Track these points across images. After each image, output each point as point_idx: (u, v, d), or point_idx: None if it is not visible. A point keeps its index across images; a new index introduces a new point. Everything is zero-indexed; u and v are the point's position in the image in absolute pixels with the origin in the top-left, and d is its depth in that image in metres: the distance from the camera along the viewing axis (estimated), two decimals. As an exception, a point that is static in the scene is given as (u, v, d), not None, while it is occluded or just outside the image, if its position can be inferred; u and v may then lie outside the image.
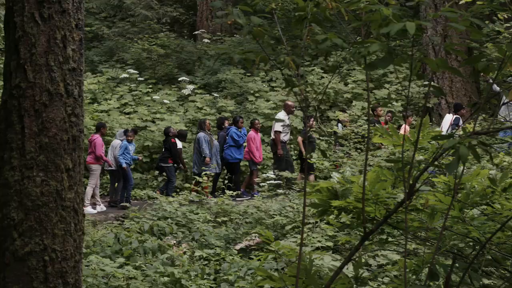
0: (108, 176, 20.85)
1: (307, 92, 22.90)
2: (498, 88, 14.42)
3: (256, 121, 21.15)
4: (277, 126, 20.14)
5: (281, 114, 20.82)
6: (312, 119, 21.35)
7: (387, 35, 3.68)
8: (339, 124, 21.53)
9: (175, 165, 20.38)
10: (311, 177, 18.63)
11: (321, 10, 4.47)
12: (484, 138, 4.29)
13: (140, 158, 21.12)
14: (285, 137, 20.31)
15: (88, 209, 18.23)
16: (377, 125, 19.04)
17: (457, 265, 5.56)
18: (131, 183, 19.82)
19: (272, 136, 20.39)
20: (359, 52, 3.87)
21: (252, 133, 20.65)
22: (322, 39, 4.18)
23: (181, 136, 20.96)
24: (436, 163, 4.52)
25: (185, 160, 21.13)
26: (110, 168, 19.99)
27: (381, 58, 3.85)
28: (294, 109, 21.98)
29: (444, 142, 3.87)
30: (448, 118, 19.63)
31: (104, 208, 18.99)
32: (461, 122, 18.79)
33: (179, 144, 20.51)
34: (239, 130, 20.60)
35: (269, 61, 4.34)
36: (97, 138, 19.48)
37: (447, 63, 3.92)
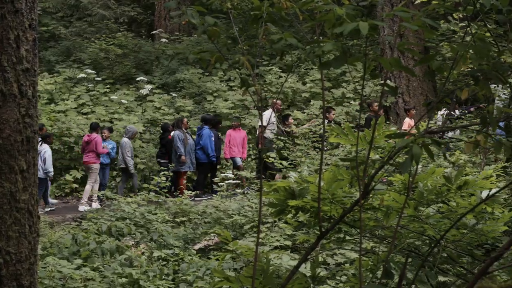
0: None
1: (265, 91, 22.95)
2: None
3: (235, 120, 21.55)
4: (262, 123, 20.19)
5: (267, 112, 20.87)
6: (290, 118, 21.44)
7: (341, 35, 3.69)
8: (326, 122, 21.55)
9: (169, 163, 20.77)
10: (277, 176, 18.65)
11: (276, 10, 4.47)
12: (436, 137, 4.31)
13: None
14: (270, 134, 20.35)
15: (83, 207, 18.57)
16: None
17: (412, 263, 5.60)
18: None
19: (258, 131, 20.51)
20: (314, 52, 3.88)
21: (229, 131, 20.94)
22: (277, 38, 4.19)
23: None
24: (391, 162, 4.54)
25: (142, 160, 21.16)
26: (122, 166, 20.49)
27: (335, 58, 3.87)
28: (281, 107, 22.12)
29: (398, 141, 3.89)
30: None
31: (99, 206, 18.91)
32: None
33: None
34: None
35: (225, 61, 4.33)
36: (97, 137, 19.79)
37: (400, 63, 3.94)
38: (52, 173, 19.24)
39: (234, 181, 17.63)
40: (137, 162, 21.58)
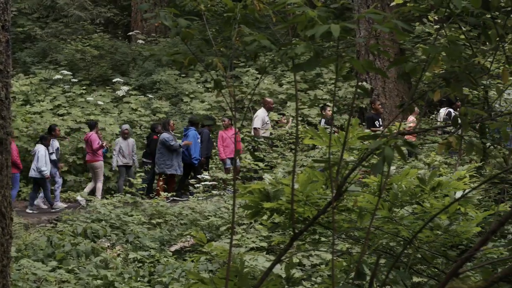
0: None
1: (242, 93, 22.95)
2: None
3: (225, 119, 21.48)
4: (256, 123, 20.18)
5: (261, 111, 20.85)
6: (284, 117, 21.43)
7: (313, 37, 3.70)
8: (322, 120, 21.51)
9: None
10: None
11: (249, 11, 4.47)
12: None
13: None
14: (264, 134, 20.32)
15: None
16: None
17: (385, 264, 5.62)
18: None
19: (252, 133, 20.47)
20: (286, 54, 3.88)
21: (220, 132, 21.03)
22: (250, 40, 4.19)
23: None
24: (365, 163, 4.56)
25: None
26: (120, 164, 21.00)
27: (308, 60, 3.88)
28: (274, 105, 22.15)
29: (370, 143, 3.91)
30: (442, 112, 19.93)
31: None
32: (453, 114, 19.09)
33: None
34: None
35: (198, 63, 4.33)
36: (92, 135, 20.20)
37: (372, 64, 3.96)
38: (46, 172, 19.27)
39: (211, 183, 17.60)
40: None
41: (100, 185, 19.95)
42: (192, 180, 18.94)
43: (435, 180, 6.27)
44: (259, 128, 20.17)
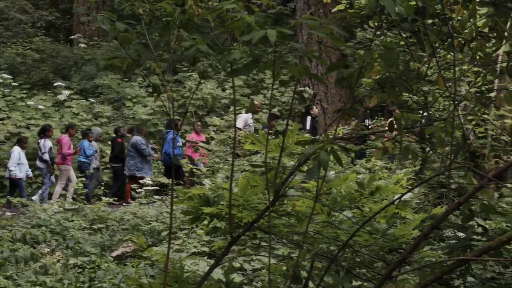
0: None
1: (183, 97, 22.89)
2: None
3: (198, 123, 21.45)
4: (238, 123, 20.10)
5: (244, 114, 20.77)
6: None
7: (249, 42, 3.72)
8: (308, 118, 21.48)
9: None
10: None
11: (189, 15, 4.47)
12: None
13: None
14: None
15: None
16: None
17: (322, 268, 5.65)
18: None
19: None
20: (224, 59, 3.89)
21: (192, 135, 20.92)
22: (189, 45, 4.19)
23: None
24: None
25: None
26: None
27: (245, 65, 3.89)
28: (259, 109, 22.08)
29: (307, 148, 3.93)
30: None
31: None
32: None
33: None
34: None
35: (138, 68, 4.31)
36: (64, 138, 20.15)
37: (309, 70, 3.99)
38: (14, 172, 19.40)
39: (153, 188, 17.53)
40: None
41: (58, 189, 19.78)
42: (134, 185, 18.84)
43: (374, 184, 6.34)
44: (241, 128, 20.13)
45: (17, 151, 19.63)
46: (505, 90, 5.98)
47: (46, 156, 19.81)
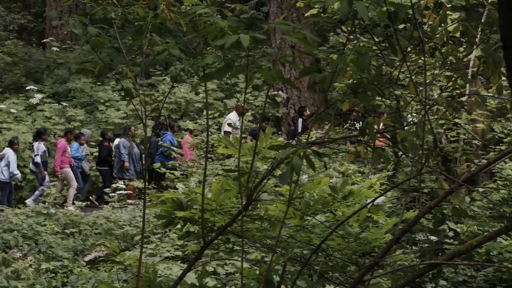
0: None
1: (155, 102, 22.84)
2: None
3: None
4: (226, 127, 20.01)
5: (232, 115, 20.70)
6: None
7: (222, 47, 3.72)
8: (300, 120, 21.46)
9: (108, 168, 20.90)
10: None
11: (161, 20, 4.47)
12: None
13: None
14: None
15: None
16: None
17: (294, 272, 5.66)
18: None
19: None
20: (196, 64, 3.89)
21: (187, 136, 20.88)
22: (161, 50, 4.19)
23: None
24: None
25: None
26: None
27: (217, 69, 3.89)
28: (245, 110, 22.03)
29: (279, 152, 3.94)
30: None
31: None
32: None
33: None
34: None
35: (108, 71, 4.30)
36: (60, 142, 20.23)
37: (282, 74, 4.00)
38: (19, 175, 19.53)
39: (125, 192, 17.47)
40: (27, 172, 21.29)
41: (71, 190, 19.78)
42: (106, 189, 18.76)
43: (347, 188, 6.35)
44: (230, 132, 20.07)
45: (11, 153, 19.57)
46: (476, 94, 6.03)
47: (38, 159, 19.76)
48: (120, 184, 17.91)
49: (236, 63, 4.06)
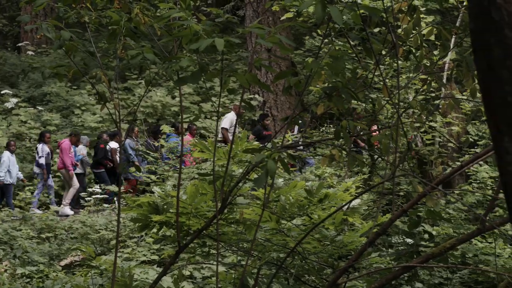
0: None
1: (134, 105, 22.79)
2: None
3: (194, 127, 21.28)
4: (224, 123, 19.91)
5: (231, 114, 20.61)
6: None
7: (197, 51, 3.72)
8: (296, 128, 21.45)
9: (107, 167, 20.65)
10: None
11: (135, 24, 4.46)
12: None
13: None
14: (230, 136, 19.96)
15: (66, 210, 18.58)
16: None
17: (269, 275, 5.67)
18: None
19: (220, 135, 20.12)
20: (171, 67, 3.89)
21: (187, 137, 20.83)
22: (135, 54, 4.18)
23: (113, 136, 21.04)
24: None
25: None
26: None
27: (191, 74, 3.89)
28: (244, 111, 21.93)
29: (254, 156, 3.94)
30: None
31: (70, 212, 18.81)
32: None
33: (114, 145, 20.61)
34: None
35: (82, 76, 4.29)
36: (64, 142, 20.01)
37: (256, 78, 4.00)
38: (2, 178, 19.11)
39: (102, 196, 17.39)
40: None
41: (72, 191, 19.66)
42: (83, 193, 18.68)
43: (323, 191, 6.37)
44: (227, 129, 19.99)
45: (6, 156, 19.42)
46: (451, 97, 6.06)
47: (42, 160, 19.71)
48: (97, 188, 17.83)
49: (211, 67, 4.06)
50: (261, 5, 24.45)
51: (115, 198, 17.66)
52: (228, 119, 20.35)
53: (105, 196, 18.32)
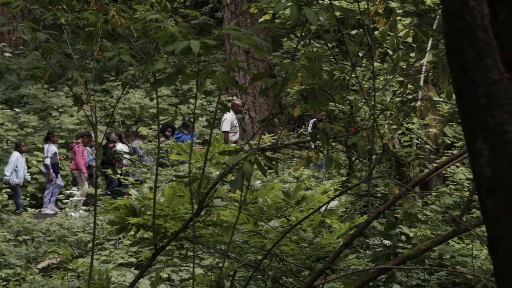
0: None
1: (107, 108, 22.74)
2: None
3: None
4: (225, 126, 19.71)
5: (229, 114, 20.40)
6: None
7: (173, 53, 3.71)
8: (311, 121, 21.36)
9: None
10: None
11: (112, 25, 4.45)
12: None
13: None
14: (233, 137, 19.76)
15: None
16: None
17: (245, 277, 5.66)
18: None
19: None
20: (147, 69, 3.88)
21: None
22: (111, 55, 4.16)
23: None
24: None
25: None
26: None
27: (167, 76, 3.88)
28: (242, 108, 21.86)
29: (230, 158, 3.94)
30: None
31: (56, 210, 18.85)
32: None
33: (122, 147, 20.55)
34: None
35: (58, 78, 4.27)
36: (74, 146, 20.15)
37: (233, 80, 4.00)
38: (7, 177, 19.22)
39: (79, 198, 17.34)
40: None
41: (79, 193, 19.62)
42: (60, 195, 18.61)
43: (300, 193, 6.38)
44: (228, 132, 19.84)
45: (15, 156, 19.62)
46: (428, 99, 6.09)
47: (48, 161, 19.69)
48: (75, 190, 17.77)
49: (189, 69, 4.07)
50: (239, 7, 24.45)
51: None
52: (228, 121, 20.14)
53: (82, 198, 18.30)
